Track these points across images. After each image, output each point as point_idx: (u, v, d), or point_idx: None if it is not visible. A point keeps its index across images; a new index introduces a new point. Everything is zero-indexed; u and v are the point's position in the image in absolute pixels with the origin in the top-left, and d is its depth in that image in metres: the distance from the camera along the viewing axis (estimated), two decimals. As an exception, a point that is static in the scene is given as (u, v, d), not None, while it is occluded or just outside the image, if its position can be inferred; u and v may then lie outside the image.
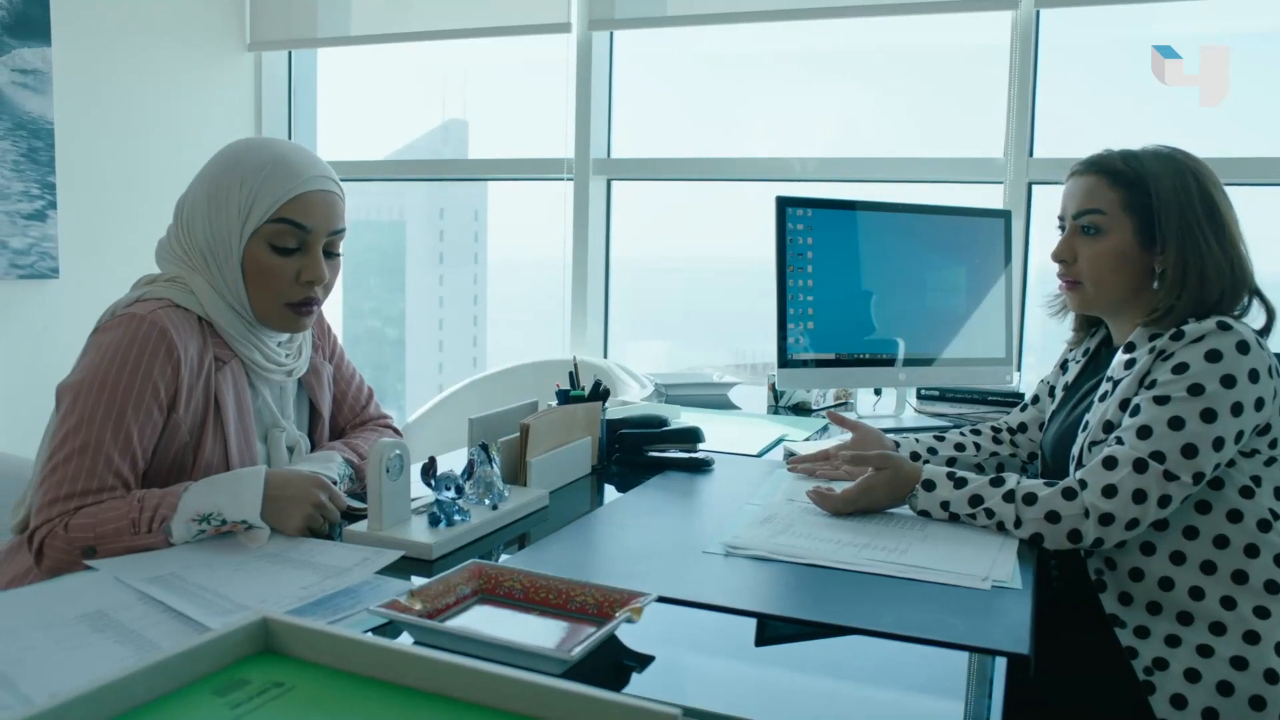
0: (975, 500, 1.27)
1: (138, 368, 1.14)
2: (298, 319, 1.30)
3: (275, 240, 1.25)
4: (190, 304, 1.24)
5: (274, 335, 1.34)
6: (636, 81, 3.17)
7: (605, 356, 3.23)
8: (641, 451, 1.68)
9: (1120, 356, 1.35)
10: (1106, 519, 1.20)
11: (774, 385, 2.35)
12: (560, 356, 3.15)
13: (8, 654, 0.82)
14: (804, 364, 2.04)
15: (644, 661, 0.91)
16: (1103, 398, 1.33)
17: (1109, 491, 1.21)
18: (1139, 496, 1.20)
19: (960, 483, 1.29)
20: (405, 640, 0.88)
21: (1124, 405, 1.29)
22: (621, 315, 3.29)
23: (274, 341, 1.34)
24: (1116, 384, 1.32)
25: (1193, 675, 1.19)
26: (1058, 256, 1.43)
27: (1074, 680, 1.26)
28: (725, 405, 2.42)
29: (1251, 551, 1.23)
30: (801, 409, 2.32)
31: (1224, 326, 1.23)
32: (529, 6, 2.99)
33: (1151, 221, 1.34)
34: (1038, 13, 2.55)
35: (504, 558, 1.18)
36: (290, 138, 3.52)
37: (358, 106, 3.74)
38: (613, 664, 0.89)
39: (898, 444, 1.60)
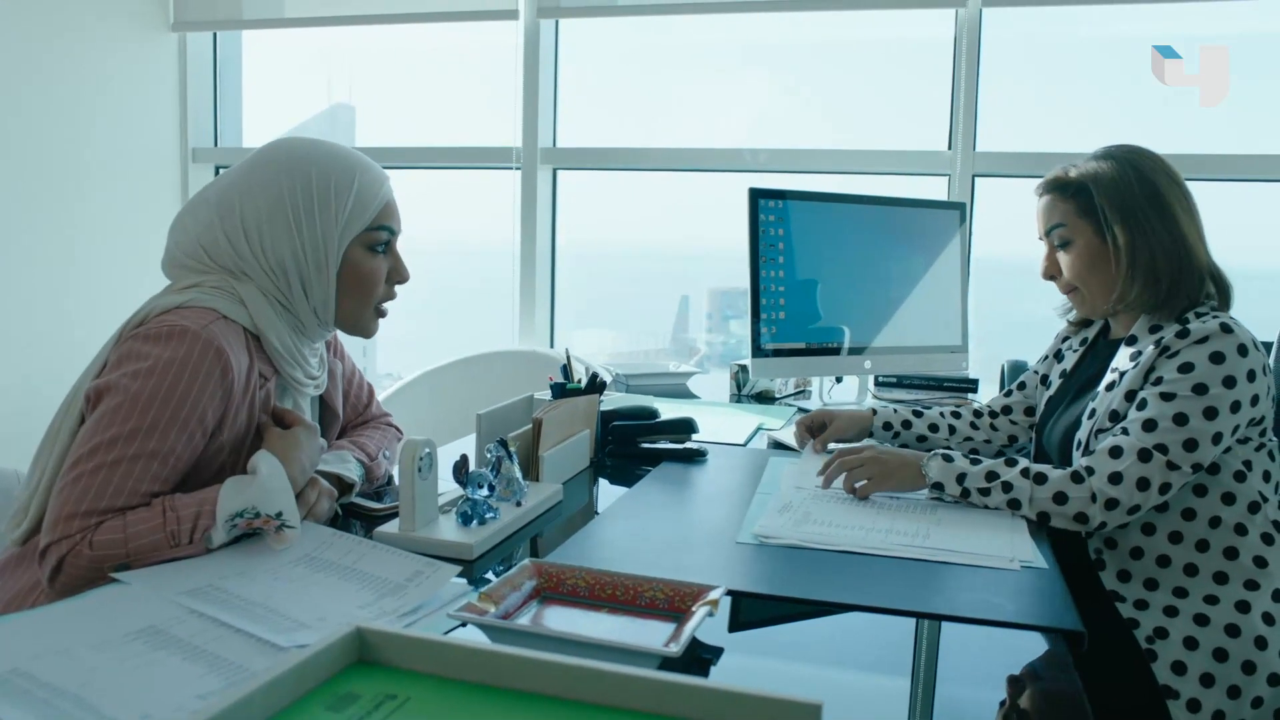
0: (991, 476, 1.33)
1: (189, 391, 1.08)
2: (378, 322, 1.31)
3: (373, 243, 1.25)
4: (239, 316, 1.17)
5: (312, 348, 1.30)
6: (572, 71, 3.15)
7: (551, 346, 3.22)
8: (635, 444, 1.69)
9: (1124, 350, 1.42)
10: (1111, 504, 1.27)
11: (736, 374, 2.38)
12: (508, 348, 3.12)
13: (73, 675, 0.77)
14: (772, 353, 2.07)
15: (716, 653, 0.92)
16: (1109, 387, 1.40)
17: (1115, 479, 1.28)
18: (1142, 484, 1.27)
19: (975, 461, 1.36)
20: (482, 640, 0.87)
21: (1129, 397, 1.36)
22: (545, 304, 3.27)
23: (311, 356, 1.30)
24: (1123, 375, 1.39)
25: (1191, 643, 1.27)
26: (1046, 274, 1.53)
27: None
28: (685, 394, 2.44)
29: (1241, 530, 1.32)
30: (765, 397, 2.35)
31: (1226, 329, 1.31)
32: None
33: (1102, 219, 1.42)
34: (981, 11, 2.64)
35: (526, 557, 1.17)
36: (215, 121, 3.38)
37: (272, 91, 3.60)
38: (686, 657, 0.90)
39: (875, 410, 1.70)
